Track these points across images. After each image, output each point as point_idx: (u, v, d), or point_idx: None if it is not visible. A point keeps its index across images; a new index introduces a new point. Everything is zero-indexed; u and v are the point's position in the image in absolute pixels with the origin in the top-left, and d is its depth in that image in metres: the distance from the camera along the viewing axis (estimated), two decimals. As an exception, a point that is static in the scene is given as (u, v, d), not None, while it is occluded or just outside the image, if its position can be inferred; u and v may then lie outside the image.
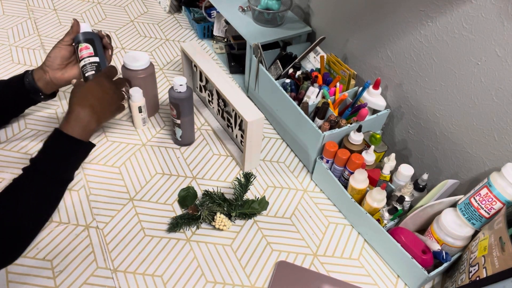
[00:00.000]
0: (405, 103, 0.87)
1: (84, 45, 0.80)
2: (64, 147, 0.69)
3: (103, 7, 1.30)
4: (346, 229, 0.81)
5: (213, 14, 1.19)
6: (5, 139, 0.88)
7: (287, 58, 1.02)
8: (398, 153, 0.92)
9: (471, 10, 0.68)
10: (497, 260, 0.58)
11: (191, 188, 0.82)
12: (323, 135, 0.81)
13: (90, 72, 0.78)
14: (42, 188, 0.66)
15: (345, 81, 0.93)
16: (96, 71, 0.79)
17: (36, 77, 0.81)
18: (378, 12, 0.86)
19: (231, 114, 0.88)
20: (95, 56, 0.80)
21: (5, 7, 1.23)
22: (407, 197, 0.76)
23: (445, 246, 0.71)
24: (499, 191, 0.63)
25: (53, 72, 0.81)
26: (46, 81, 0.81)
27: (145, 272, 0.71)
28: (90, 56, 0.79)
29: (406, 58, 0.83)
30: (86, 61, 0.79)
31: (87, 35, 0.81)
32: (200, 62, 0.90)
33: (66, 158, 0.69)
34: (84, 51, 0.80)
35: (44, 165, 0.66)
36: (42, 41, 1.13)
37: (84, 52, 0.80)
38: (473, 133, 0.75)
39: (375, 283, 0.74)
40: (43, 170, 0.66)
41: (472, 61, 0.71)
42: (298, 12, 1.13)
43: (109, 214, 0.78)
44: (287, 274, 0.72)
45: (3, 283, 0.67)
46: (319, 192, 0.87)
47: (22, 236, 0.64)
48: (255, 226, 0.80)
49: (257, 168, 0.91)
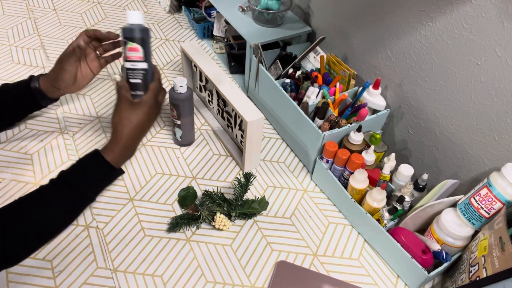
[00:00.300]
0: (405, 103, 0.87)
1: (134, 46, 0.67)
2: (98, 170, 0.68)
3: (103, 7, 1.30)
4: (346, 229, 0.81)
5: (213, 14, 1.19)
6: (5, 139, 0.88)
7: (287, 58, 1.02)
8: (398, 153, 0.92)
9: (471, 10, 0.68)
10: (497, 260, 0.58)
11: (191, 188, 0.82)
12: (323, 135, 0.81)
13: (136, 80, 0.69)
14: (64, 201, 0.66)
15: (345, 81, 0.93)
16: (143, 80, 0.69)
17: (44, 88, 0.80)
18: (378, 12, 0.86)
19: (231, 114, 0.88)
20: (145, 61, 0.68)
21: (5, 7, 1.23)
22: (407, 197, 0.76)
23: (445, 246, 0.71)
24: (499, 191, 0.63)
25: (66, 89, 0.81)
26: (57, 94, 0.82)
27: (145, 272, 0.71)
28: (139, 61, 0.68)
29: (406, 58, 0.83)
30: (133, 66, 0.68)
31: (140, 33, 0.67)
32: (200, 62, 0.90)
33: (96, 180, 0.69)
34: (133, 53, 0.67)
35: (73, 180, 0.66)
36: (42, 41, 1.13)
37: (132, 54, 0.67)
38: (473, 133, 0.75)
39: (375, 283, 0.74)
40: (71, 184, 0.66)
41: (472, 61, 0.71)
42: (298, 12, 1.13)
43: (109, 214, 0.78)
44: (287, 274, 0.72)
45: (3, 283, 0.67)
46: (319, 192, 0.87)
47: (33, 242, 0.64)
48: (255, 226, 0.80)
49: (257, 168, 0.91)
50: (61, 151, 0.87)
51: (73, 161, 0.67)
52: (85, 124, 0.94)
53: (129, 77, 0.69)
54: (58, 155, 0.86)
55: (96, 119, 0.95)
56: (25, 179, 0.81)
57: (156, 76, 0.72)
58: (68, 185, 0.65)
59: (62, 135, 0.90)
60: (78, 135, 0.91)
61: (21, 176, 0.82)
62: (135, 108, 0.69)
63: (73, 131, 0.92)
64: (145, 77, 0.69)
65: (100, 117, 0.96)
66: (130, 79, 0.69)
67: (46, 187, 0.65)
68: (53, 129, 0.91)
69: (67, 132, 0.91)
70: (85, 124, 0.94)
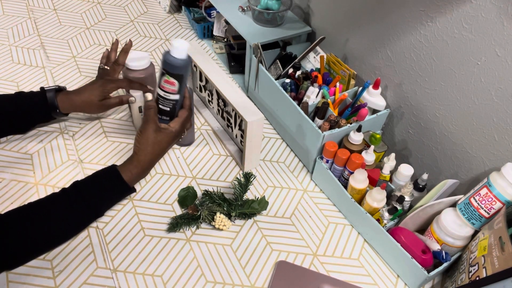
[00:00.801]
0: (405, 103, 0.87)
1: (171, 80, 0.67)
2: (113, 188, 0.70)
3: (103, 7, 1.30)
4: (346, 229, 0.81)
5: (213, 14, 1.19)
6: (5, 139, 0.88)
7: (287, 58, 1.02)
8: (398, 153, 0.92)
9: (471, 10, 0.68)
10: (496, 260, 0.58)
11: (191, 188, 0.82)
12: (323, 135, 0.81)
13: (165, 108, 0.71)
14: (74, 213, 0.66)
15: (345, 81, 0.93)
16: (171, 109, 0.71)
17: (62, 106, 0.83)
18: (378, 12, 0.86)
19: (231, 114, 0.88)
20: (177, 94, 0.70)
21: (5, 7, 1.23)
22: (407, 197, 0.76)
23: (445, 246, 0.71)
24: (499, 191, 0.63)
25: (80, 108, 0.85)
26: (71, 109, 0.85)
27: (145, 272, 0.71)
28: (172, 93, 0.69)
29: (406, 58, 0.83)
30: (165, 96, 0.69)
31: (180, 70, 0.67)
32: (200, 62, 0.90)
33: (109, 197, 0.71)
34: (168, 85, 0.68)
35: (86, 193, 0.67)
36: (42, 41, 1.13)
37: (167, 86, 0.69)
38: (473, 133, 0.75)
39: (375, 283, 0.74)
40: (84, 197, 0.66)
41: (472, 61, 0.71)
42: (298, 12, 1.13)
43: (109, 214, 0.78)
44: (287, 274, 0.72)
45: (3, 283, 0.67)
46: (319, 192, 0.88)
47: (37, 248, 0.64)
48: (255, 226, 0.80)
49: (257, 168, 0.91)
50: (61, 151, 0.87)
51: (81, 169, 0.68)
52: (85, 124, 0.94)
53: (159, 103, 0.70)
54: (58, 155, 0.86)
55: (96, 119, 0.95)
56: (25, 179, 0.81)
57: (187, 104, 0.73)
58: (81, 197, 0.66)
59: (62, 135, 0.90)
60: (78, 135, 0.91)
61: (21, 176, 0.82)
62: (161, 133, 0.70)
63: (73, 131, 0.92)
64: (174, 106, 0.71)
65: (100, 117, 0.96)
66: (160, 105, 0.71)
67: (57, 196, 0.66)
68: (53, 129, 0.91)
69: (67, 132, 0.91)
70: (85, 124, 0.94)
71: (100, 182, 0.69)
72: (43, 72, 1.04)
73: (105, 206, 0.72)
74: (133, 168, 0.70)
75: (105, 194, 0.70)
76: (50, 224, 0.64)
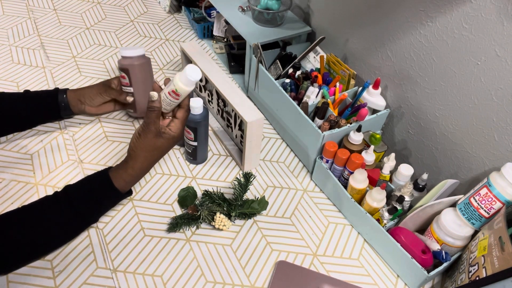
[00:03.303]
0: (405, 103, 0.87)
1: (188, 130, 0.82)
2: (104, 194, 0.67)
3: (103, 7, 1.30)
4: (346, 229, 0.81)
5: (213, 14, 1.19)
6: (5, 139, 0.88)
7: (287, 58, 1.02)
8: (398, 153, 0.92)
9: (471, 10, 0.68)
10: (496, 260, 0.58)
11: (191, 188, 0.82)
12: (323, 135, 0.81)
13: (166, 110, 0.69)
14: (63, 218, 0.65)
15: (345, 81, 0.93)
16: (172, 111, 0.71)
17: (70, 100, 0.84)
18: (378, 12, 0.86)
19: (231, 114, 0.88)
20: (195, 141, 0.83)
21: (5, 7, 1.23)
22: (406, 197, 0.76)
23: (444, 246, 0.71)
24: (498, 191, 0.63)
25: (89, 107, 0.85)
26: (78, 108, 0.85)
27: (145, 272, 0.71)
28: (190, 140, 0.84)
29: (406, 58, 0.83)
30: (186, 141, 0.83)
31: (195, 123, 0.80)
32: (200, 62, 0.90)
33: (100, 203, 0.69)
34: (186, 134, 0.83)
35: (75, 198, 0.65)
36: (42, 41, 1.13)
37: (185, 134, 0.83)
38: (473, 133, 0.75)
39: (375, 283, 0.74)
40: (72, 202, 0.64)
41: (472, 61, 0.71)
42: (298, 12, 1.13)
43: (109, 214, 0.78)
44: (287, 274, 0.72)
45: (3, 283, 0.67)
46: (319, 192, 0.88)
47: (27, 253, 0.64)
48: (255, 226, 0.80)
49: (257, 168, 0.91)
50: (61, 151, 0.87)
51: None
52: (85, 124, 0.94)
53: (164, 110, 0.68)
54: (58, 155, 0.86)
55: (96, 119, 0.95)
56: (25, 179, 0.81)
57: (185, 103, 0.67)
58: (69, 202, 0.64)
59: (62, 135, 0.90)
60: (78, 135, 0.91)
61: (21, 176, 0.82)
62: (161, 138, 0.65)
63: (73, 131, 0.92)
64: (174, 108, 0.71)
65: (100, 117, 0.96)
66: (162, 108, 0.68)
67: (49, 199, 0.65)
68: (53, 129, 0.91)
69: (67, 132, 0.91)
70: (85, 124, 0.94)
71: (91, 190, 0.66)
72: (43, 72, 1.04)
73: (96, 213, 0.70)
74: (127, 175, 0.66)
75: (96, 202, 0.67)
76: (39, 228, 0.62)
